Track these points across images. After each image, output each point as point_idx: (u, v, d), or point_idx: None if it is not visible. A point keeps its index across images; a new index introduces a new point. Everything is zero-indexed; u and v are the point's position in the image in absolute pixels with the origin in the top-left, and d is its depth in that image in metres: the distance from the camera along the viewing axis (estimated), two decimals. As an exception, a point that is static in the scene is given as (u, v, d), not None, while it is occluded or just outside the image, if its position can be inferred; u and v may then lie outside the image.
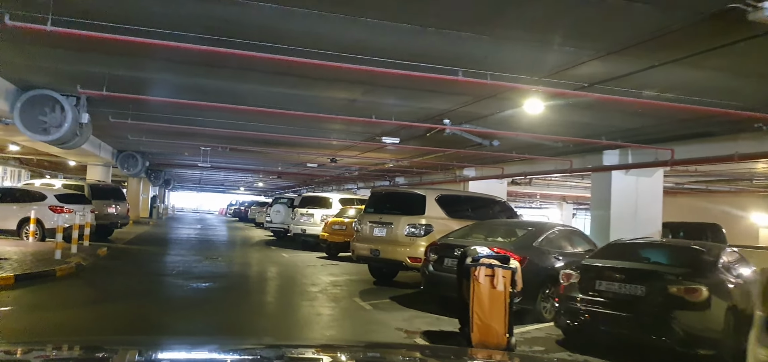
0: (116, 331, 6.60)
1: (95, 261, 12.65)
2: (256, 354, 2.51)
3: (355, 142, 13.46)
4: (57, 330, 6.51)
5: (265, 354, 2.51)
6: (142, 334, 6.35)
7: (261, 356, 2.49)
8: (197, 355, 2.46)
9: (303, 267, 14.18)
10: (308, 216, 19.21)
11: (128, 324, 7.09)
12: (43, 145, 16.61)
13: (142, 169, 21.29)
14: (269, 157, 19.69)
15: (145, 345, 2.63)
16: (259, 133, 12.02)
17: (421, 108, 9.58)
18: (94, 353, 2.34)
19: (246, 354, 2.49)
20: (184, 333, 6.85)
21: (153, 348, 2.56)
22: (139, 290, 9.77)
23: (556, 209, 38.83)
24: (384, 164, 19.58)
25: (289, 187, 45.37)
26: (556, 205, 38.47)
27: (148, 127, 12.66)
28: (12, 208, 15.50)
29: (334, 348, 3.35)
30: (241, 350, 2.59)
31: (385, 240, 11.03)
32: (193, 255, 16.02)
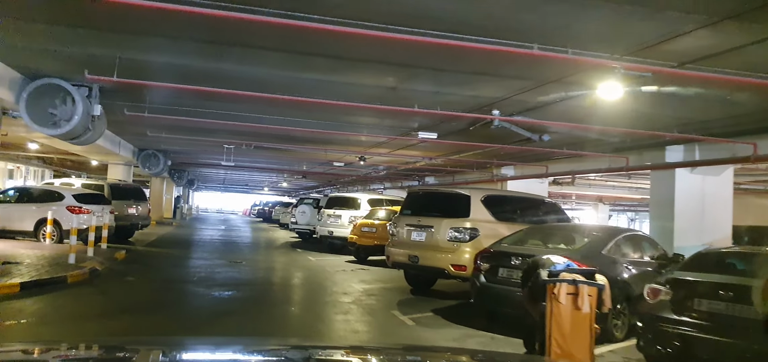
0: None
1: (111, 265, 11.82)
2: (282, 355, 2.48)
3: (388, 136, 12.37)
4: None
5: (291, 356, 2.46)
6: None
7: (286, 357, 2.46)
8: (221, 356, 2.38)
9: (332, 272, 13.18)
10: (335, 217, 18.22)
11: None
12: (61, 143, 15.94)
13: (164, 169, 20.56)
14: (294, 155, 18.74)
15: (168, 345, 2.59)
16: (284, 127, 11.04)
17: (469, 97, 8.45)
18: (116, 353, 2.30)
19: (271, 355, 2.46)
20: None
21: (176, 348, 2.53)
22: (154, 300, 8.84)
23: (591, 210, 37.18)
24: (415, 163, 18.46)
25: (313, 188, 44.56)
26: (591, 206, 36.83)
27: (166, 121, 11.79)
28: (29, 209, 14.84)
29: (364, 350, 3.28)
30: (267, 351, 2.56)
31: (425, 246, 9.93)
32: (215, 258, 15.15)
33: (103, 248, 13.76)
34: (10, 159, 22.28)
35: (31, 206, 14.92)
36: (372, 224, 15.86)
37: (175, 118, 10.68)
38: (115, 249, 13.95)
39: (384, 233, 15.58)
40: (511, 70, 6.78)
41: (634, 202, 34.43)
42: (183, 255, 15.50)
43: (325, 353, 2.62)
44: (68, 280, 9.40)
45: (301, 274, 13.00)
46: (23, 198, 15.27)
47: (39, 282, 8.82)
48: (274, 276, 12.73)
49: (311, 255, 17.22)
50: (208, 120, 10.52)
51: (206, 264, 13.83)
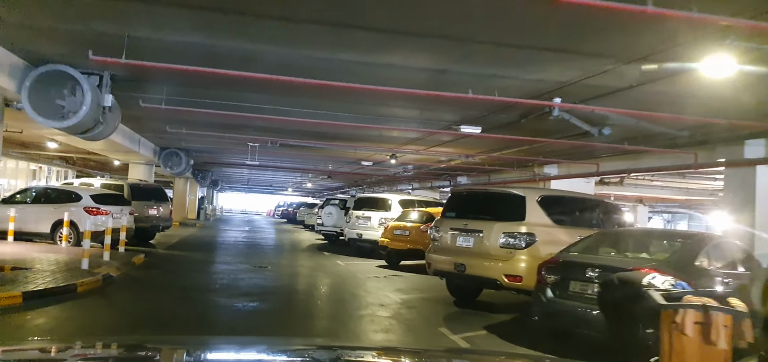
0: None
1: (128, 271, 10.93)
2: (308, 356, 2.41)
3: (426, 131, 11.19)
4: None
5: (318, 356, 2.38)
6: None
7: (313, 357, 2.38)
8: (246, 356, 2.33)
9: (363, 279, 12.10)
10: (365, 219, 17.16)
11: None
12: (79, 141, 15.20)
13: (187, 168, 19.77)
14: (322, 154, 17.72)
15: (191, 345, 2.55)
16: (314, 120, 9.97)
17: (531, 81, 7.27)
18: (140, 351, 2.25)
19: (296, 355, 2.40)
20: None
21: (200, 347, 2.47)
22: (170, 313, 7.86)
23: (628, 212, 35.34)
24: (449, 161, 17.28)
25: (338, 188, 43.66)
26: (629, 208, 35.04)
27: (186, 115, 10.86)
28: (46, 210, 14.11)
29: (396, 351, 3.38)
30: (292, 351, 2.48)
31: (473, 253, 8.77)
32: (239, 262, 14.21)
33: (121, 252, 12.93)
34: (32, 159, 21.82)
35: (48, 207, 14.20)
36: (404, 227, 14.76)
37: (195, 111, 9.71)
38: (133, 253, 13.10)
39: (418, 236, 14.48)
40: (593, 44, 5.62)
41: (675, 203, 32.63)
42: (205, 260, 14.61)
43: (355, 354, 2.51)
44: (78, 289, 8.50)
45: (330, 281, 11.95)
46: (40, 199, 14.57)
47: (44, 292, 7.93)
48: (301, 283, 11.71)
49: (339, 259, 16.19)
50: (231, 113, 9.53)
51: (229, 269, 12.90)
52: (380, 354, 2.76)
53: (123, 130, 14.22)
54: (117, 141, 13.80)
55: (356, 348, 3.00)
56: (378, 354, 2.74)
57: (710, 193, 22.61)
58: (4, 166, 21.56)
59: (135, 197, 16.31)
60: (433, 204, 18.32)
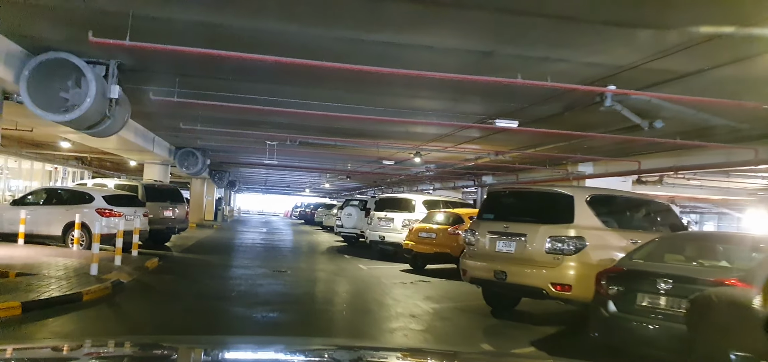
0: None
1: (140, 276, 10.27)
2: (326, 356, 2.38)
3: (459, 124, 10.32)
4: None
5: (338, 357, 2.35)
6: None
7: (333, 358, 2.35)
8: (264, 355, 2.30)
9: (389, 285, 11.31)
10: (387, 221, 16.37)
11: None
12: (92, 140, 14.65)
13: (204, 168, 19.17)
14: (342, 152, 16.96)
15: (210, 344, 2.53)
16: (335, 113, 9.18)
17: (587, 65, 6.42)
18: (156, 350, 2.23)
19: (315, 355, 2.35)
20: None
21: (219, 347, 2.44)
22: (181, 326, 7.14)
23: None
24: (477, 159, 16.40)
25: (356, 189, 42.95)
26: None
27: (200, 109, 10.19)
28: (58, 212, 13.55)
29: (422, 352, 3.38)
30: (311, 351, 2.44)
31: (515, 259, 7.91)
32: (257, 266, 13.51)
33: (133, 256, 12.31)
34: (47, 159, 21.43)
35: (59, 209, 13.64)
36: (431, 229, 13.93)
37: (209, 105, 9.00)
38: (147, 257, 12.47)
39: (445, 239, 13.64)
40: (675, 15, 4.74)
41: (708, 204, 31.29)
42: (222, 263, 13.94)
43: (378, 355, 2.49)
44: (84, 298, 7.83)
45: (354, 288, 11.16)
46: (52, 201, 14.02)
47: (47, 302, 7.26)
48: (324, 290, 10.94)
49: (361, 262, 15.42)
50: (248, 106, 8.80)
51: (247, 274, 12.19)
52: (405, 355, 2.69)
53: (135, 127, 13.62)
54: (129, 139, 13.19)
55: (378, 349, 2.90)
56: (403, 356, 2.67)
57: (749, 193, 21.45)
58: (19, 167, 21.22)
59: (149, 198, 15.72)
60: (458, 204, 17.47)
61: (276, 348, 2.48)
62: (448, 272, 13.76)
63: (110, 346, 2.40)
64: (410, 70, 6.27)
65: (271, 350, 2.42)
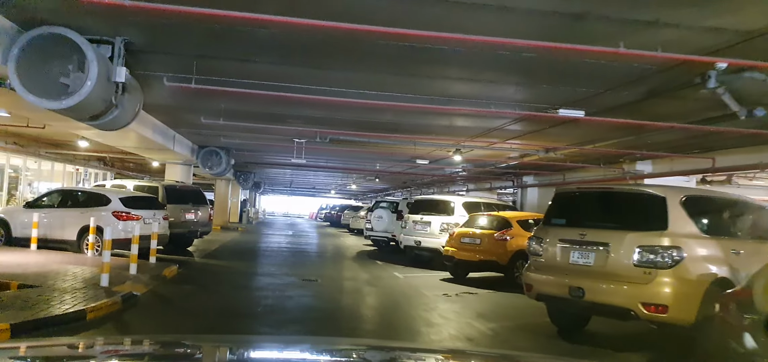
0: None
1: (156, 287, 9.22)
2: (354, 356, 2.28)
3: (518, 113, 8.95)
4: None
5: (370, 357, 2.25)
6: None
7: (363, 358, 2.25)
8: (291, 355, 2.19)
9: (431, 298, 10.06)
10: (423, 224, 15.10)
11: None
12: (110, 138, 13.73)
13: (228, 168, 18.17)
14: (374, 150, 15.73)
15: (236, 343, 2.49)
16: (373, 101, 7.94)
17: (704, 31, 5.05)
18: (181, 350, 2.16)
19: (342, 356, 2.27)
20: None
21: (245, 345, 2.39)
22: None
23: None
24: (522, 157, 15.02)
25: (383, 190, 41.75)
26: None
27: (222, 100, 9.08)
28: (72, 215, 12.65)
29: (456, 353, 3.19)
30: (339, 351, 2.36)
31: (595, 273, 6.58)
32: (284, 274, 12.40)
33: (151, 263, 11.31)
34: (68, 160, 20.75)
35: (74, 212, 12.74)
36: (474, 234, 12.62)
37: (232, 94, 7.86)
38: (166, 263, 11.46)
39: (491, 246, 12.30)
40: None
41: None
42: (247, 271, 12.85)
43: (415, 355, 2.39)
44: (88, 316, 6.76)
45: (393, 302, 9.91)
46: (67, 203, 13.13)
47: (43, 322, 6.20)
48: (360, 304, 9.71)
49: (395, 269, 14.19)
50: (275, 93, 7.61)
51: (274, 283, 11.07)
52: (448, 357, 2.62)
53: (153, 123, 12.61)
54: (148, 136, 12.19)
55: (411, 350, 2.76)
56: (447, 357, 2.59)
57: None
58: (39, 168, 20.56)
59: (170, 200, 14.76)
60: (501, 206, 16.10)
61: (302, 347, 2.38)
62: (493, 281, 12.50)
63: (129, 344, 2.36)
64: (477, 36, 4.99)
65: (297, 349, 2.32)
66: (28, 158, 18.47)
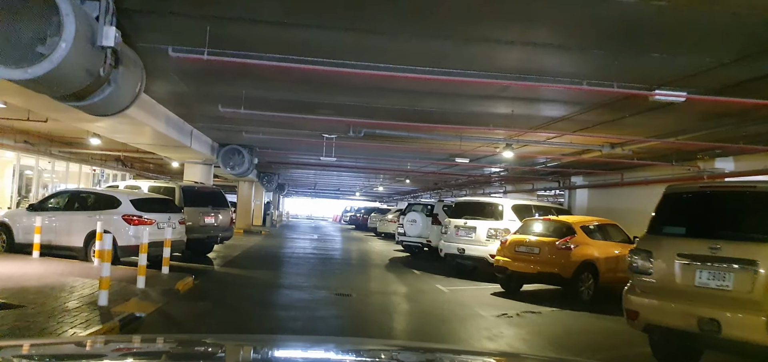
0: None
1: (165, 306, 7.79)
2: (384, 356, 2.22)
3: (606, 91, 7.18)
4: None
5: (403, 358, 2.21)
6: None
7: (397, 359, 2.21)
8: (317, 355, 2.14)
9: (489, 319, 8.48)
10: (467, 230, 13.45)
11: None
12: (122, 133, 12.43)
13: (250, 168, 16.79)
14: (412, 147, 14.12)
15: (259, 342, 2.43)
16: (426, 76, 6.33)
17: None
18: (202, 348, 2.11)
19: (369, 356, 2.19)
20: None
21: (269, 345, 2.30)
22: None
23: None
24: (581, 153, 13.27)
25: (411, 193, 40.14)
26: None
27: (241, 80, 7.60)
28: (79, 219, 11.36)
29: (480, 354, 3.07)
30: (366, 351, 2.27)
31: (735, 300, 4.89)
32: (313, 286, 10.89)
33: (163, 274, 9.95)
34: (82, 159, 19.63)
35: (80, 215, 11.45)
36: (531, 242, 10.95)
37: (254, 67, 6.35)
38: (181, 274, 10.08)
39: (553, 256, 10.54)
40: None
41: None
42: (271, 282, 11.39)
43: (450, 357, 2.35)
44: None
45: (446, 325, 8.28)
46: (73, 205, 11.84)
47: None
48: (408, 328, 8.13)
49: (436, 280, 12.60)
50: (304, 67, 6.06)
51: (302, 299, 9.57)
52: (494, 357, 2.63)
53: (166, 115, 11.21)
54: (160, 130, 10.83)
55: (435, 351, 2.56)
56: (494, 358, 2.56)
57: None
58: (52, 169, 19.49)
59: (188, 202, 13.41)
60: (555, 210, 14.34)
61: (327, 347, 2.31)
62: (551, 296, 10.87)
63: (156, 341, 2.33)
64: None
65: (321, 349, 2.24)
66: (40, 158, 17.38)
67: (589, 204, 18.02)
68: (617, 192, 16.48)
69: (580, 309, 9.75)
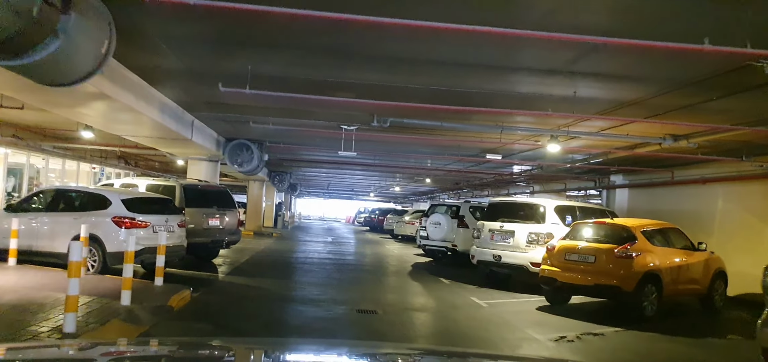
0: None
1: (152, 330, 6.34)
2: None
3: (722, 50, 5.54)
4: None
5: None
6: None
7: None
8: (329, 358, 2.10)
9: (546, 343, 7.01)
10: (504, 235, 11.86)
11: None
12: (115, 125, 11.00)
13: (260, 165, 15.32)
14: (442, 139, 12.51)
15: (272, 346, 2.37)
16: (480, 27, 4.75)
17: None
18: (212, 352, 2.09)
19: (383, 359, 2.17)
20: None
21: (281, 348, 2.27)
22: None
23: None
24: (634, 148, 11.63)
25: (430, 193, 38.56)
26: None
27: (243, 54, 6.11)
28: (64, 220, 9.95)
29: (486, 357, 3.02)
30: (384, 355, 2.24)
31: None
32: (332, 301, 9.38)
33: (157, 286, 8.52)
34: (79, 156, 18.24)
35: (66, 217, 10.04)
36: (584, 249, 9.39)
37: (263, 20, 4.83)
38: (178, 285, 8.67)
39: (611, 265, 8.92)
40: None
41: None
42: (281, 294, 9.91)
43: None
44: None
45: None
46: (58, 205, 10.43)
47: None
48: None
49: (468, 291, 11.09)
50: (328, 15, 4.51)
51: (319, 317, 8.05)
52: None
53: (161, 102, 9.68)
54: (154, 118, 9.35)
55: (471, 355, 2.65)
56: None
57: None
58: (46, 166, 18.13)
59: (190, 203, 11.99)
60: (602, 212, 12.70)
61: (340, 351, 2.26)
62: (606, 311, 9.49)
63: (162, 345, 2.26)
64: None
65: (334, 353, 2.19)
66: (31, 154, 16.05)
67: (630, 205, 16.35)
68: (663, 192, 14.83)
69: (647, 329, 8.27)
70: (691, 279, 9.94)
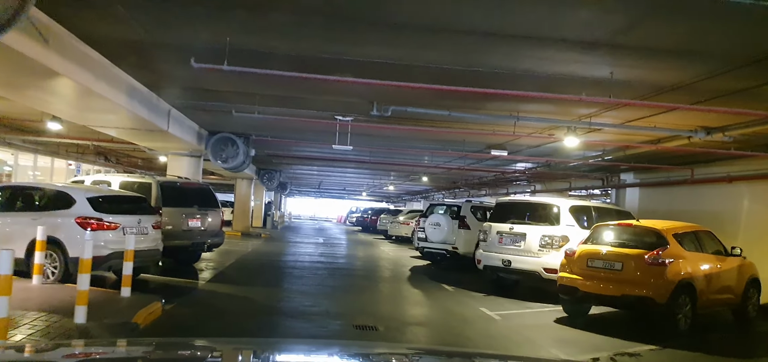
0: None
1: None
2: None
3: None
4: None
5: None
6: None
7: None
8: (321, 358, 2.08)
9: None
10: (514, 238, 10.79)
11: None
12: (87, 117, 9.80)
13: (246, 161, 14.13)
14: (447, 132, 11.38)
15: (268, 346, 2.30)
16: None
17: None
18: (198, 353, 2.02)
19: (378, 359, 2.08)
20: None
21: (269, 349, 2.20)
22: None
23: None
24: (658, 142, 10.61)
25: (424, 192, 37.51)
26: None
27: (219, 4, 4.98)
28: (22, 221, 8.77)
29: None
30: (383, 355, 2.19)
31: None
32: (325, 315, 8.25)
33: (123, 297, 7.35)
34: (52, 150, 16.91)
35: (23, 217, 8.86)
36: (609, 255, 8.33)
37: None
38: (149, 296, 7.52)
39: (640, 274, 7.87)
40: None
41: None
42: (269, 305, 8.78)
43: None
44: None
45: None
46: (14, 204, 9.22)
47: None
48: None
49: (475, 299, 10.04)
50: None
51: (311, 335, 6.93)
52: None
53: (129, 85, 8.43)
54: (121, 104, 8.13)
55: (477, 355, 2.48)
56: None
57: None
58: (16, 163, 16.80)
59: (168, 202, 10.84)
60: (619, 212, 11.68)
61: (330, 351, 2.21)
62: (633, 323, 8.64)
63: (157, 346, 2.13)
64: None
65: (325, 354, 2.14)
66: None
67: (641, 205, 15.35)
68: (680, 191, 13.85)
69: (684, 346, 7.34)
70: (724, 287, 8.94)
